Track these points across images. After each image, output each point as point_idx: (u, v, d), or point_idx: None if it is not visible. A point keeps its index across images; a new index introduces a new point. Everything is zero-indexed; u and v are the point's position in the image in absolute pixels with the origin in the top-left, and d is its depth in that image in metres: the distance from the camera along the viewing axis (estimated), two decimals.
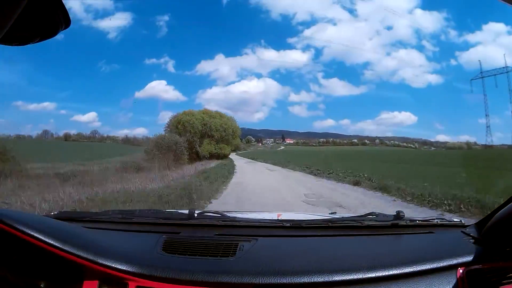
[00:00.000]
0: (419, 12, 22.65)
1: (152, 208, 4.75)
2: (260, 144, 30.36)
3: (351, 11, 25.50)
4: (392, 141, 24.85)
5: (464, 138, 23.04)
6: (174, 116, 22.28)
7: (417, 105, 24.90)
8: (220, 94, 26.44)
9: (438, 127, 28.89)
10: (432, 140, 24.42)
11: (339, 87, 26.75)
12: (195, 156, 21.36)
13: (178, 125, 21.77)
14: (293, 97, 27.76)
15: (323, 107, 25.72)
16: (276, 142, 29.84)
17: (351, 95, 24.92)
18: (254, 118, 31.84)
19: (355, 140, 25.87)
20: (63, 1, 0.55)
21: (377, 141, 25.43)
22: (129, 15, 23.53)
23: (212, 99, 26.45)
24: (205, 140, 22.08)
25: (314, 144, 27.12)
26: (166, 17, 24.88)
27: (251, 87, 26.63)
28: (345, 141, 26.22)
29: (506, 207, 0.94)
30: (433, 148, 23.96)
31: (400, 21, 23.69)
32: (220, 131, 21.67)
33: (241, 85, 26.35)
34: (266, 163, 21.28)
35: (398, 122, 25.37)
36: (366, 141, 25.51)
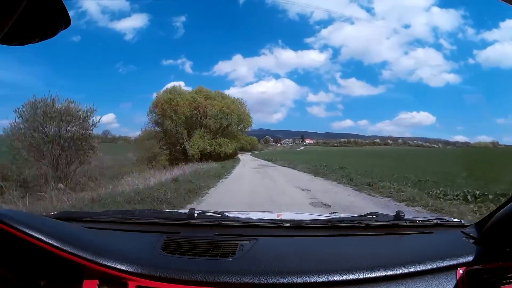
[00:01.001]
0: (436, 10, 22.04)
1: (152, 208, 4.66)
2: (278, 144, 30.18)
3: (368, 10, 24.98)
4: (415, 141, 24.62)
5: (481, 138, 22.61)
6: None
7: (435, 105, 24.40)
8: (238, 95, 26.19)
9: (456, 127, 28.38)
10: (451, 140, 24.10)
11: (357, 87, 26.36)
12: (182, 157, 14.46)
13: (155, 109, 15.11)
14: (312, 97, 27.51)
15: (342, 107, 25.33)
16: (295, 142, 29.68)
17: (369, 95, 24.57)
18: (272, 119, 31.52)
19: (377, 140, 25.68)
20: (63, 1, 0.56)
21: (399, 141, 25.21)
22: (146, 16, 23.03)
23: None
24: (196, 132, 14.61)
25: (335, 144, 26.93)
26: (182, 18, 24.70)
27: (269, 87, 25.89)
28: (367, 141, 26.02)
29: (506, 207, 0.94)
30: (456, 148, 23.73)
31: (417, 19, 23.03)
32: (219, 118, 14.92)
33: (259, 86, 25.70)
34: (294, 169, 12.83)
35: (416, 122, 25.06)
36: (388, 141, 25.29)
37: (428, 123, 24.61)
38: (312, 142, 29.25)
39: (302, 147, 27.92)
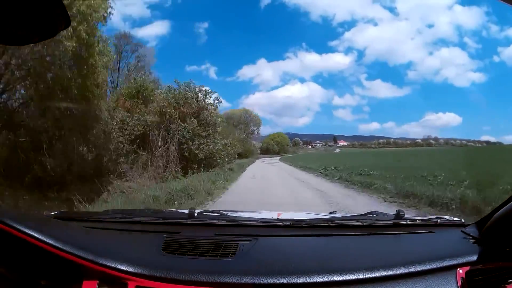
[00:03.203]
0: (458, 8, 22.14)
1: (152, 208, 4.51)
2: (309, 146, 29.30)
3: (391, 10, 25.28)
4: (457, 141, 24.10)
5: (509, 138, 22.43)
6: None
7: (461, 105, 24.35)
8: (263, 99, 25.54)
9: (482, 127, 28.88)
10: (476, 140, 23.88)
11: (383, 89, 26.25)
12: None
13: None
14: (337, 100, 27.60)
15: (368, 110, 25.22)
16: (328, 145, 28.93)
17: (395, 97, 24.39)
18: (298, 123, 31.38)
19: (419, 140, 25.08)
20: (63, 1, 0.55)
21: (441, 141, 24.67)
22: (168, 23, 22.74)
23: (255, 104, 24.20)
24: None
25: (373, 146, 26.17)
26: (205, 24, 24.37)
27: (295, 91, 25.54)
28: (408, 142, 25.39)
29: (506, 207, 0.94)
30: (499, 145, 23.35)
31: (441, 18, 23.25)
32: None
33: (285, 90, 25.42)
34: None
35: (443, 123, 24.82)
36: (431, 141, 24.71)
37: (455, 124, 24.55)
38: (346, 144, 28.47)
39: (338, 150, 27.05)
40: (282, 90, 25.05)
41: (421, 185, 7.49)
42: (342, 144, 28.52)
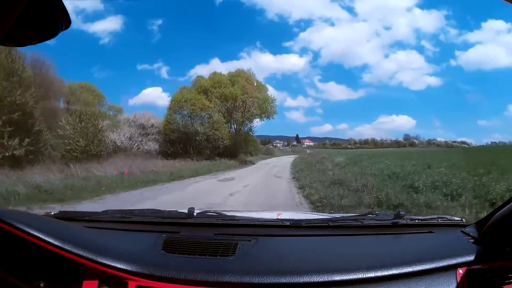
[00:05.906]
0: (418, 11, 20.27)
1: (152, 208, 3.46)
2: (271, 146, 23.47)
3: (350, 10, 22.85)
4: (439, 140, 21.13)
5: (461, 140, 21.65)
6: None
7: (416, 108, 23.55)
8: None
9: (436, 130, 28.85)
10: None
11: (336, 91, 24.15)
12: None
13: None
14: (290, 102, 25.32)
15: (321, 112, 24.50)
16: (292, 145, 23.65)
17: (349, 99, 22.98)
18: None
19: (401, 140, 21.51)
20: (63, 2, 0.54)
21: (421, 139, 21.61)
22: (121, 19, 21.49)
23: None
24: None
25: (349, 147, 21.68)
26: (159, 21, 22.89)
27: None
28: (389, 142, 21.58)
29: (506, 207, 0.93)
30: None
31: (399, 21, 21.53)
32: None
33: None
34: None
35: (396, 126, 24.53)
36: (414, 140, 21.22)
37: (409, 127, 25.27)
38: (312, 144, 23.32)
39: (309, 150, 21.73)
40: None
41: None
42: (308, 144, 23.68)
